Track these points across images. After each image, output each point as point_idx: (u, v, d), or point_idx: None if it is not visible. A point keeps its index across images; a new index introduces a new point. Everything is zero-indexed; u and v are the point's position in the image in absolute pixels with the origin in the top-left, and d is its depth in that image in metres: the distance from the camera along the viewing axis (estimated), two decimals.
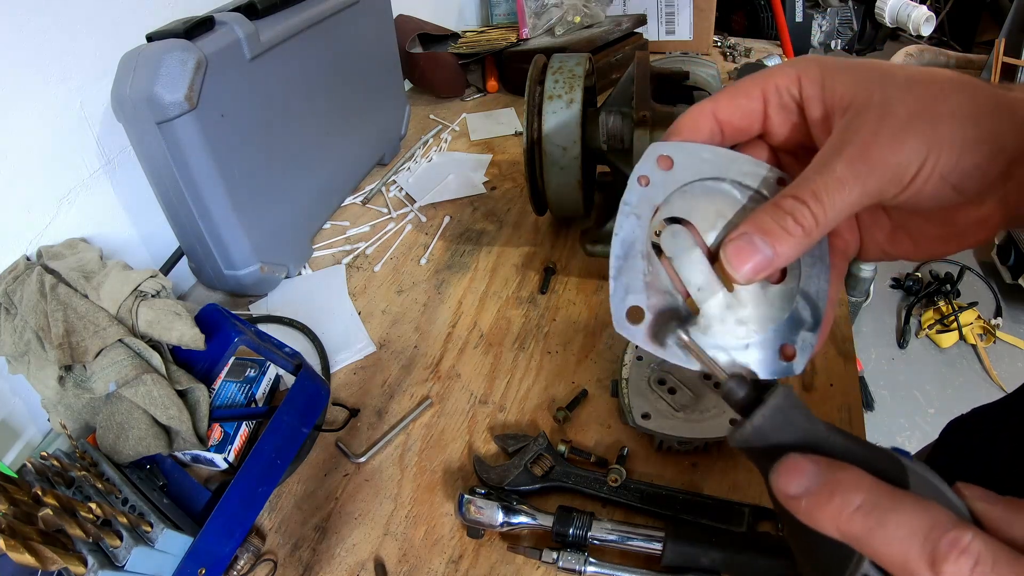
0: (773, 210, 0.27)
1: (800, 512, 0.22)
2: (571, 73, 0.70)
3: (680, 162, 0.29)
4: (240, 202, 0.68)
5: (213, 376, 0.52)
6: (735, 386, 0.26)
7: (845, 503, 0.21)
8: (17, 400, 0.64)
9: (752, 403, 0.25)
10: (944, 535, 0.19)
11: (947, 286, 1.95)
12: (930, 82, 0.26)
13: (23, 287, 0.55)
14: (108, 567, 0.37)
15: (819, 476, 0.22)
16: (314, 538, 0.52)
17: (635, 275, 0.28)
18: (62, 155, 0.66)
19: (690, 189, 0.29)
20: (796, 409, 0.24)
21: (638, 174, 0.29)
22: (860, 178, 0.25)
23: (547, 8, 1.25)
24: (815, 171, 0.26)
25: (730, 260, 0.27)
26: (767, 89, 0.29)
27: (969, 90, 0.26)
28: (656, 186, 0.29)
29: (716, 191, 0.30)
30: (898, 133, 0.25)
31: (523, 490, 0.51)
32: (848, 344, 0.63)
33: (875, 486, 0.21)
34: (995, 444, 0.61)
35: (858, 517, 0.21)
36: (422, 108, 1.21)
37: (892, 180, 0.26)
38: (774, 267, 0.27)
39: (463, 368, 0.65)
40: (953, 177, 0.26)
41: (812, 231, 0.26)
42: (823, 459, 0.23)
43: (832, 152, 0.26)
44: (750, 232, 0.27)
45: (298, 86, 0.75)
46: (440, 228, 0.86)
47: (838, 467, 0.22)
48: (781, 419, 0.24)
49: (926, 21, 2.21)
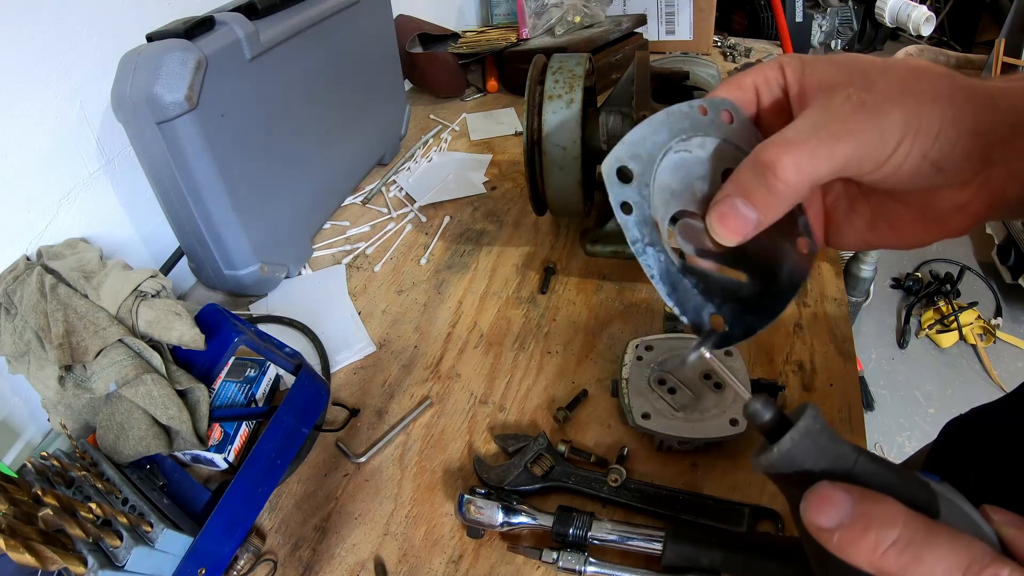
0: (754, 164, 0.26)
1: (832, 546, 0.22)
2: (571, 73, 0.70)
3: (636, 168, 0.29)
4: (240, 202, 0.68)
5: (213, 376, 0.52)
6: (760, 408, 0.25)
7: (881, 539, 0.21)
8: (17, 400, 0.64)
9: (778, 426, 0.24)
10: (982, 572, 0.19)
11: (947, 286, 1.95)
12: (907, 67, 0.27)
13: (23, 287, 0.55)
14: (108, 567, 0.37)
15: (852, 508, 0.21)
16: (314, 538, 0.52)
17: (691, 293, 0.29)
18: (62, 155, 0.66)
19: (659, 180, 0.29)
20: (825, 431, 0.23)
21: (618, 205, 0.29)
22: (852, 135, 0.25)
23: (547, 8, 1.25)
24: (805, 123, 0.26)
25: (715, 227, 0.27)
26: (758, 81, 0.31)
27: (947, 76, 0.27)
28: (638, 205, 0.29)
29: (679, 163, 0.30)
30: (882, 103, 0.26)
31: (523, 490, 0.51)
32: (848, 344, 0.63)
33: (910, 519, 0.21)
34: (995, 444, 0.61)
35: (893, 553, 0.20)
36: (422, 108, 1.21)
37: (873, 146, 0.26)
38: (760, 227, 0.27)
39: (463, 368, 0.65)
40: (933, 153, 0.26)
41: (794, 185, 0.26)
42: (856, 489, 0.22)
43: (820, 110, 0.26)
44: (732, 195, 0.27)
45: (298, 86, 0.75)
46: (440, 228, 0.86)
47: (872, 498, 0.22)
48: (810, 443, 0.23)
49: (926, 21, 2.21)
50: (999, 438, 0.61)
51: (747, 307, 0.29)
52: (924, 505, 0.21)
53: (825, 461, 0.23)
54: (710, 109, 0.30)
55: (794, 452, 0.23)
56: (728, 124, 0.30)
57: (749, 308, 0.29)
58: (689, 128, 0.30)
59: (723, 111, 0.30)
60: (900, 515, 0.21)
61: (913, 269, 2.08)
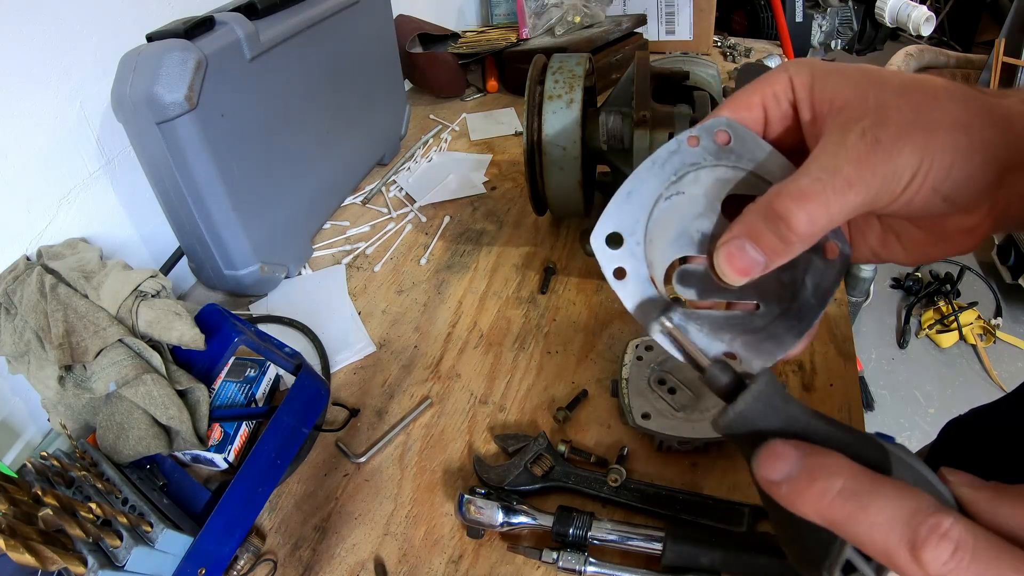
0: (766, 213, 0.26)
1: (781, 498, 0.22)
2: (571, 73, 0.70)
3: (625, 230, 0.28)
4: (240, 202, 0.68)
5: (213, 376, 0.52)
6: (718, 372, 0.26)
7: (826, 488, 0.21)
8: (17, 400, 0.64)
9: (735, 389, 0.25)
10: (925, 520, 0.19)
11: (947, 286, 1.95)
12: (923, 89, 0.26)
13: (23, 287, 0.55)
14: (108, 567, 0.37)
15: (800, 461, 0.22)
16: (314, 538, 0.52)
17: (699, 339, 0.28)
18: (62, 155, 0.66)
19: (652, 233, 0.29)
20: (779, 395, 0.24)
21: (611, 273, 0.28)
22: (864, 182, 0.25)
23: (547, 8, 1.25)
24: (818, 170, 0.26)
25: (722, 268, 0.27)
26: (766, 99, 0.29)
27: (962, 98, 0.26)
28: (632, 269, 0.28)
29: (673, 208, 0.29)
30: (895, 140, 0.25)
31: (523, 490, 0.51)
32: (848, 344, 0.63)
33: (856, 471, 0.21)
34: (995, 444, 0.61)
35: (838, 502, 0.21)
36: (422, 108, 1.21)
37: (885, 188, 0.25)
38: (766, 271, 0.27)
39: (463, 368, 0.65)
40: (944, 188, 0.26)
41: (806, 236, 0.26)
42: (805, 444, 0.23)
43: (833, 153, 0.26)
44: (741, 238, 0.26)
45: (298, 86, 0.75)
46: (440, 228, 0.86)
47: (819, 452, 0.22)
48: (764, 405, 0.24)
49: (926, 21, 2.21)
50: (999, 440, 0.61)
51: (765, 335, 0.29)
52: (876, 463, 0.22)
53: (778, 421, 0.24)
54: (702, 137, 0.29)
55: (748, 413, 0.24)
56: (725, 145, 0.29)
57: (768, 335, 0.29)
58: (679, 167, 0.29)
59: (718, 132, 0.29)
60: (845, 467, 0.22)
61: (913, 269, 2.08)
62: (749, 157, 0.29)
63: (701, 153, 0.29)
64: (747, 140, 0.29)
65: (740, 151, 0.29)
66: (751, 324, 0.29)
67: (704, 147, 0.29)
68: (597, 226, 0.29)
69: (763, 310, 0.29)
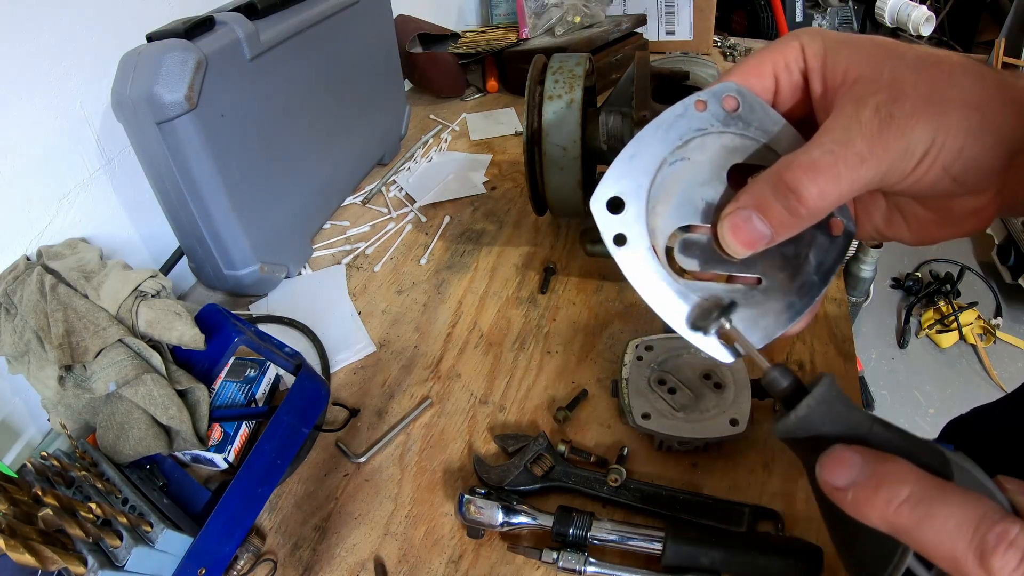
0: (775, 184, 0.25)
1: (846, 504, 0.22)
2: (571, 73, 0.70)
3: (628, 194, 0.28)
4: (240, 202, 0.68)
5: (213, 376, 0.52)
6: (779, 375, 0.25)
7: (892, 495, 0.21)
8: (17, 400, 0.64)
9: (796, 393, 0.25)
10: (992, 528, 0.19)
11: (947, 286, 1.95)
12: (939, 64, 0.26)
13: (23, 287, 0.55)
14: (108, 567, 0.37)
15: (865, 468, 0.22)
16: (314, 538, 0.52)
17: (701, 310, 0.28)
18: (62, 155, 0.66)
19: (655, 199, 0.28)
20: (840, 399, 0.24)
21: (611, 239, 0.28)
22: (877, 157, 0.25)
23: (547, 8, 1.25)
24: (831, 143, 0.25)
25: (726, 238, 0.26)
26: (777, 66, 0.29)
27: (977, 76, 0.26)
28: (633, 236, 0.27)
29: (677, 175, 0.28)
30: (909, 117, 0.25)
31: (523, 490, 0.51)
32: (848, 344, 0.63)
33: (922, 478, 0.21)
34: (995, 444, 0.61)
35: (905, 509, 0.21)
36: (422, 108, 1.21)
37: (897, 165, 0.25)
38: (772, 244, 0.26)
39: (463, 368, 0.65)
40: (954, 169, 0.25)
41: (815, 210, 0.25)
42: (868, 450, 0.23)
43: (846, 127, 0.25)
44: (748, 209, 0.26)
45: (298, 86, 0.75)
46: (440, 228, 0.86)
47: (884, 459, 0.22)
48: (826, 409, 0.24)
49: (926, 21, 2.21)
50: (999, 442, 0.61)
51: (764, 311, 0.28)
52: (937, 470, 0.22)
53: (840, 427, 0.24)
54: (710, 101, 0.28)
55: (810, 417, 0.24)
56: (733, 111, 0.28)
57: (768, 310, 0.28)
58: (685, 132, 0.28)
59: (726, 98, 0.28)
60: (911, 474, 0.22)
61: (913, 269, 2.08)
62: (757, 126, 0.28)
63: (708, 118, 0.28)
64: (756, 108, 0.28)
65: (748, 119, 0.28)
66: (751, 299, 0.28)
67: (712, 112, 0.28)
68: (598, 189, 0.27)
69: (764, 285, 0.28)
